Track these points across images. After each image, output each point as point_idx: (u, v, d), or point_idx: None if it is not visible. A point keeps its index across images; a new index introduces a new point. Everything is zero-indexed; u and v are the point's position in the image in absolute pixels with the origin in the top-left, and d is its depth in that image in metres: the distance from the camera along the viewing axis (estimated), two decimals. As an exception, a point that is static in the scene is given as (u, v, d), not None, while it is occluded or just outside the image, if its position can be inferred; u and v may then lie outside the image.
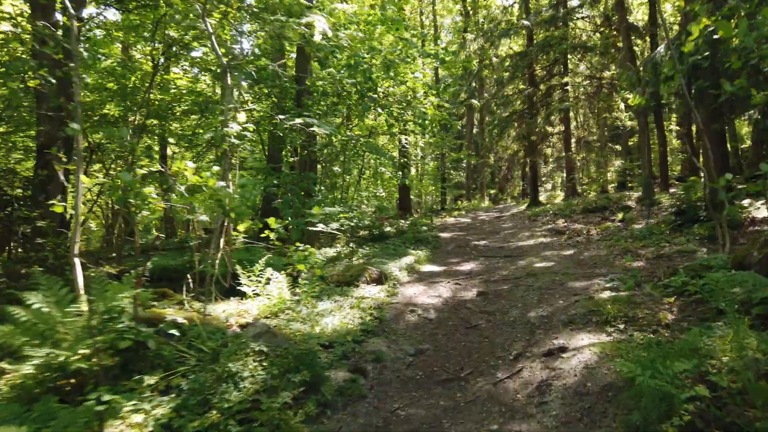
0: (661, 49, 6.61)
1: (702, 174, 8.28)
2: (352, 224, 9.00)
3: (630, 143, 22.22)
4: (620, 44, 15.51)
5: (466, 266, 7.92)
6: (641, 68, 6.88)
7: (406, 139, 16.32)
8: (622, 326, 4.08)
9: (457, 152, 27.53)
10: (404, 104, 10.25)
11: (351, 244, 9.76)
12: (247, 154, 13.51)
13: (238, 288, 5.04)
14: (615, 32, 15.10)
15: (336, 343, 4.12)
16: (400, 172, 13.01)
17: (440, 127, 25.97)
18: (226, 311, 4.69)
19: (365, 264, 6.81)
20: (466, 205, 23.16)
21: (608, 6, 15.65)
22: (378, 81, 9.49)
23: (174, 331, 3.23)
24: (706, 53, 5.65)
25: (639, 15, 18.24)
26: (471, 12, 25.70)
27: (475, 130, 27.57)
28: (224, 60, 5.53)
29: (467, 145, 27.16)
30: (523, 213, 16.06)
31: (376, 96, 9.13)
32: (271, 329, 3.89)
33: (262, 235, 4.79)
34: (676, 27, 16.48)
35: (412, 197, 23.54)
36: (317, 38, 5.69)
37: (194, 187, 3.93)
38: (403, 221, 14.86)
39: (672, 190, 14.01)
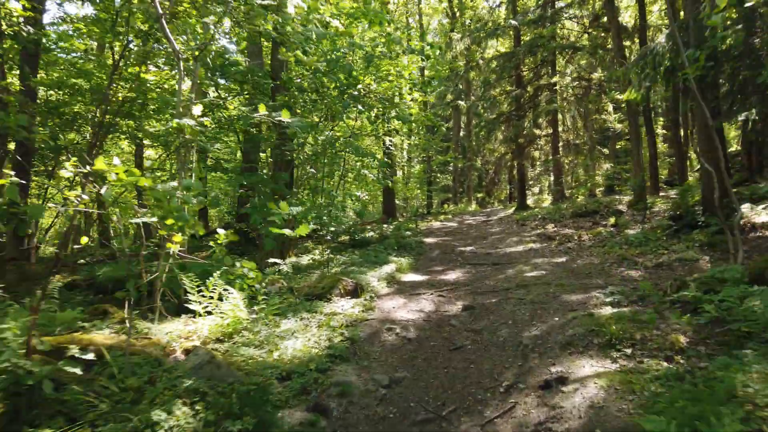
0: (662, 38, 6.17)
1: (701, 177, 7.85)
2: (332, 229, 8.35)
3: (617, 147, 22.04)
4: (609, 45, 15.21)
5: (451, 275, 7.34)
6: (639, 61, 6.42)
7: (390, 140, 15.75)
8: (629, 350, 3.51)
9: (444, 155, 27.10)
10: (387, 102, 9.65)
11: (328, 252, 9.10)
12: (219, 153, 12.75)
13: (192, 304, 4.35)
14: (604, 33, 14.78)
15: (295, 372, 3.47)
16: (384, 173, 12.35)
17: (426, 129, 25.52)
18: (171, 333, 4.00)
19: (339, 275, 6.16)
20: (452, 209, 22.68)
21: (596, 6, 15.35)
22: (359, 77, 8.89)
23: (77, 370, 2.55)
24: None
25: (626, 17, 18.02)
26: (458, 13, 25.36)
27: (462, 133, 27.17)
28: (176, 46, 4.85)
29: (454, 147, 26.75)
30: (511, 217, 15.59)
31: (356, 93, 8.51)
32: (214, 359, 3.22)
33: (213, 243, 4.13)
34: (664, 29, 16.26)
35: (397, 201, 22.97)
36: (290, 11, 5.05)
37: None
38: (386, 226, 14.25)
39: (662, 194, 13.69)
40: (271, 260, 7.35)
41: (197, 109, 4.62)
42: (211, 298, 4.30)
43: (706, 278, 4.21)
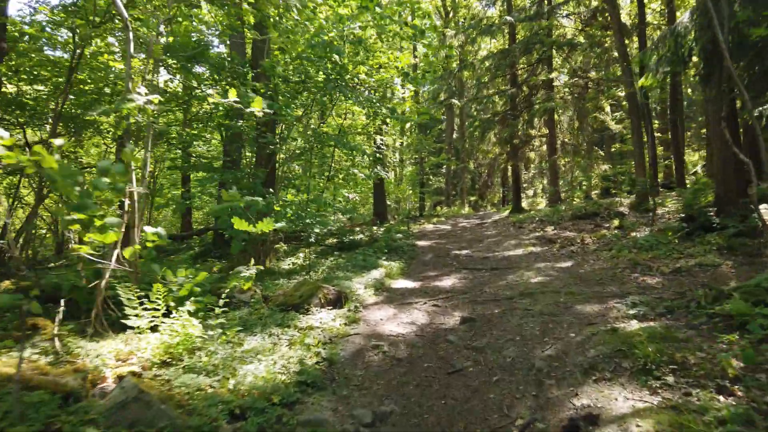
0: (685, 17, 5.56)
1: (717, 174, 7.27)
2: (316, 230, 7.61)
3: (612, 149, 21.58)
4: (607, 43, 14.71)
5: (447, 281, 6.63)
6: (659, 44, 5.81)
7: (381, 139, 15.08)
8: (670, 378, 2.83)
9: (437, 156, 26.49)
10: (379, 94, 8.96)
11: (313, 256, 8.36)
12: (201, 150, 11.95)
13: (129, 319, 3.58)
14: (601, 31, 14.27)
15: (253, 409, 2.73)
16: (376, 169, 11.64)
17: (419, 129, 24.84)
18: (104, 355, 3.24)
19: (321, 281, 5.43)
20: (445, 212, 22.05)
21: (594, 2, 14.86)
22: (348, 66, 8.20)
23: None
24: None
25: (623, 15, 17.58)
26: (451, 12, 24.90)
27: (455, 135, 26.62)
28: (124, 11, 4.11)
29: (447, 149, 26.19)
30: (507, 220, 14.96)
31: (344, 83, 7.81)
32: (143, 394, 2.47)
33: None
34: (663, 27, 15.85)
35: (389, 203, 22.28)
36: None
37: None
38: (377, 228, 13.54)
39: (662, 197, 13.16)
40: (244, 266, 6.59)
41: (142, 89, 3.89)
42: (156, 310, 3.54)
43: (752, 287, 3.55)
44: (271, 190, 7.22)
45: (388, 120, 11.60)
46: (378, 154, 14.63)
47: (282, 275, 7.36)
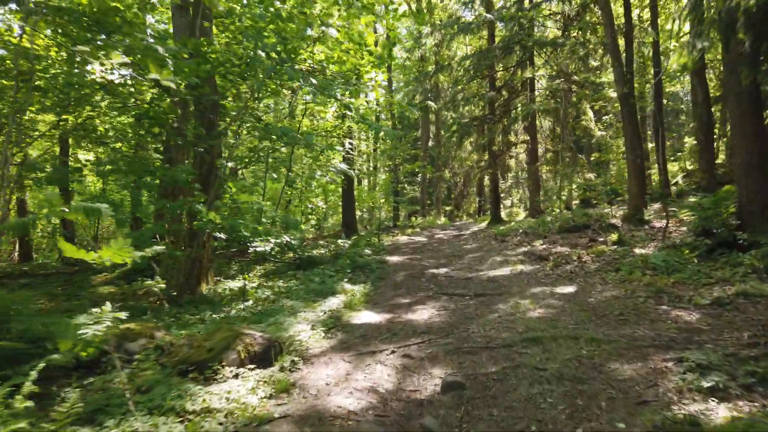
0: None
1: (739, 181, 6.16)
2: (257, 246, 6.03)
3: (592, 158, 20.86)
4: (592, 45, 13.84)
5: (422, 313, 5.18)
6: (696, 8, 4.67)
7: (350, 142, 13.63)
8: None
9: (412, 164, 25.25)
10: (343, 80, 7.52)
11: (257, 276, 6.77)
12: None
13: None
14: (589, 27, 13.37)
15: None
16: (341, 165, 10.16)
17: (394, 131, 23.55)
18: None
19: (242, 327, 3.89)
20: (420, 222, 20.73)
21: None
22: (297, 46, 6.74)
23: None
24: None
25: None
26: (427, 12, 23.92)
27: (431, 143, 25.49)
28: None
29: (422, 156, 25.01)
30: (487, 231, 13.73)
31: (293, 63, 6.32)
32: None
33: None
34: (650, 30, 15.13)
35: (360, 212, 20.82)
36: None
37: None
38: (343, 241, 12.02)
39: (655, 207, 12.21)
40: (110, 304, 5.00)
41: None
42: None
43: None
44: (191, 195, 5.60)
45: (356, 121, 10.18)
46: (347, 154, 13.20)
47: (215, 304, 5.75)
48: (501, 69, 15.92)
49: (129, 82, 7.24)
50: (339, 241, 11.83)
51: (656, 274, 5.66)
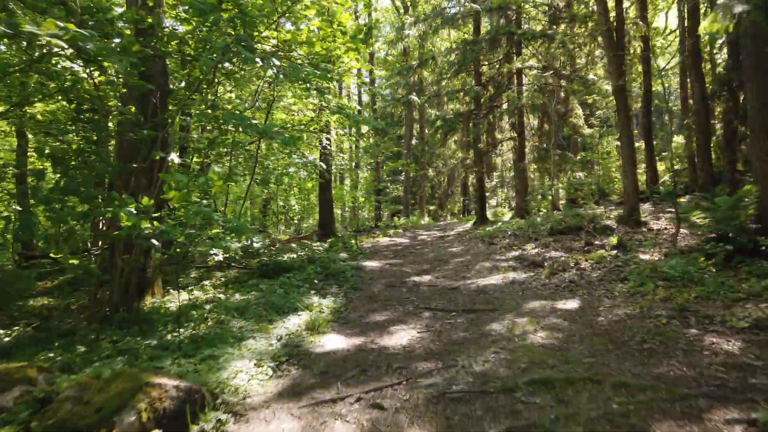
0: None
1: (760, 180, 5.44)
2: (208, 250, 5.02)
3: (578, 157, 20.33)
4: (581, 39, 13.17)
5: (400, 336, 4.28)
6: None
7: (327, 138, 12.66)
8: None
9: (395, 161, 24.37)
10: (311, 65, 6.55)
11: (207, 285, 5.76)
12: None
13: None
14: (577, 21, 12.68)
15: None
16: (315, 161, 9.22)
17: (375, 131, 22.61)
18: None
19: (149, 372, 2.93)
20: (403, 223, 19.88)
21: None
22: (261, 21, 5.78)
23: None
24: None
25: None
26: (410, 8, 23.07)
27: (414, 141, 24.67)
28: None
29: (406, 153, 24.17)
30: (473, 233, 12.95)
31: (249, 41, 5.34)
32: None
33: None
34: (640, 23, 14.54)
35: (340, 212, 19.86)
36: None
37: None
38: (318, 244, 11.05)
39: (646, 206, 11.61)
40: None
41: None
42: None
43: None
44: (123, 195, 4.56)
45: (333, 112, 9.21)
46: (324, 150, 12.23)
47: (151, 325, 4.74)
48: (487, 63, 15.16)
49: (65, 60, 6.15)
50: (314, 243, 10.86)
51: (671, 286, 4.90)
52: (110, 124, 5.90)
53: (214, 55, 5.32)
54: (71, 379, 2.87)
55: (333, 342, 4.17)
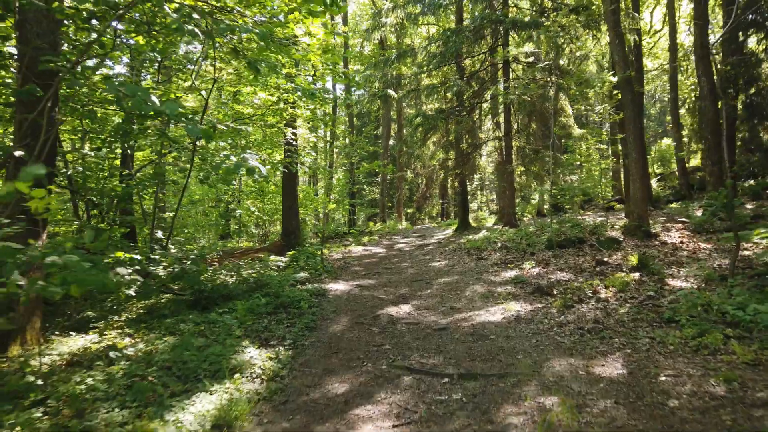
0: None
1: None
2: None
3: (564, 158, 19.26)
4: (573, 31, 11.94)
5: (364, 431, 2.71)
6: None
7: (293, 131, 10.92)
8: None
9: (371, 162, 22.79)
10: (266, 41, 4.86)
11: (114, 318, 4.03)
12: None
13: None
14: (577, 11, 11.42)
15: None
16: (254, 157, 7.45)
17: (350, 128, 20.91)
18: None
19: None
20: (379, 228, 18.33)
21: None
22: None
23: None
24: None
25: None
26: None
27: (391, 142, 23.15)
28: None
29: (383, 153, 22.64)
30: (455, 241, 11.50)
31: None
32: None
33: None
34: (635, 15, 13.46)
35: (309, 217, 18.08)
36: None
37: None
38: (278, 258, 9.31)
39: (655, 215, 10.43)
40: None
41: None
42: None
43: None
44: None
45: (293, 93, 7.52)
46: (288, 146, 10.53)
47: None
48: (471, 55, 13.78)
49: None
50: (272, 257, 9.13)
51: (746, 336, 3.50)
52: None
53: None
54: None
55: (254, 451, 2.54)
